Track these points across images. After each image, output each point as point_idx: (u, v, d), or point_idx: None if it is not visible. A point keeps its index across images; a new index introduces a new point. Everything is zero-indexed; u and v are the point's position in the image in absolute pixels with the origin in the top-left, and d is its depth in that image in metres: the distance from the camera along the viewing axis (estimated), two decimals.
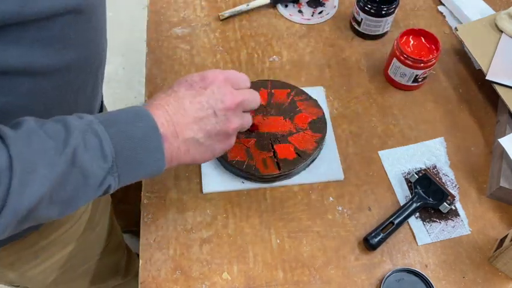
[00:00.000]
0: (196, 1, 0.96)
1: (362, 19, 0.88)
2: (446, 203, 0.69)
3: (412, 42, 0.83)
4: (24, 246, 0.68)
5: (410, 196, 0.71)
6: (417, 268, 0.65)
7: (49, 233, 0.70)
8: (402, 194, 0.73)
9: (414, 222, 0.70)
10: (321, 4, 0.96)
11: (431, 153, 0.77)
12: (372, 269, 0.66)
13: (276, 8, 0.96)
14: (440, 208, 0.70)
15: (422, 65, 0.78)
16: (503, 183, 0.69)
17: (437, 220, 0.70)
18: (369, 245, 0.66)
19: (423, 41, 0.83)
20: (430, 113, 0.82)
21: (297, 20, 0.94)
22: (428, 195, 0.70)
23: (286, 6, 0.96)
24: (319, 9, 0.96)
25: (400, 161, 0.76)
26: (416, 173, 0.72)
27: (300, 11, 0.95)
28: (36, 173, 0.40)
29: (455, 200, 0.72)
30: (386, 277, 0.63)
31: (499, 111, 0.81)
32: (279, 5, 0.96)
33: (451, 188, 0.73)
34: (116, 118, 0.47)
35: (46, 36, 0.46)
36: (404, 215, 0.69)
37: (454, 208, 0.71)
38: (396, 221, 0.68)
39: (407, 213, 0.69)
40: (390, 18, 0.88)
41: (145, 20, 0.93)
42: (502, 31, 0.84)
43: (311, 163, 0.74)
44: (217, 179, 0.72)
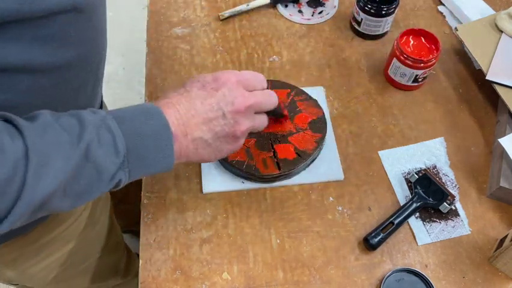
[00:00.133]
0: (196, 1, 0.96)
1: (362, 19, 0.88)
2: (446, 203, 0.69)
3: (412, 42, 0.83)
4: (27, 243, 0.68)
5: (410, 196, 0.71)
6: (417, 268, 0.65)
7: (51, 228, 0.70)
8: (402, 194, 0.73)
9: (414, 222, 0.70)
10: (321, 4, 0.96)
11: (431, 153, 0.77)
12: (372, 269, 0.66)
13: (276, 8, 0.96)
14: (440, 208, 0.70)
15: (422, 65, 0.78)
16: (503, 183, 0.69)
17: (437, 220, 0.70)
18: (369, 245, 0.66)
19: (423, 41, 0.83)
20: (430, 113, 0.82)
21: (297, 20, 0.94)
22: (428, 195, 0.70)
23: (286, 6, 0.96)
24: (319, 9, 0.96)
25: (400, 161, 0.76)
26: (416, 173, 0.72)
27: (300, 11, 0.95)
28: (51, 165, 0.41)
29: (455, 200, 0.72)
30: (386, 277, 0.63)
31: (499, 111, 0.81)
32: (279, 5, 0.96)
33: (451, 188, 0.73)
34: (128, 115, 0.48)
35: (46, 34, 0.46)
36: (404, 215, 0.69)
37: (454, 208, 0.71)
38: (396, 221, 0.68)
39: (407, 213, 0.69)
40: (390, 18, 0.88)
41: (145, 20, 0.93)
42: (502, 31, 0.84)
43: (311, 163, 0.74)
44: (217, 179, 0.72)
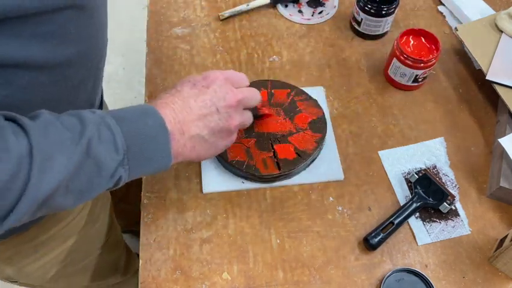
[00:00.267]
0: (196, 1, 0.96)
1: (362, 19, 0.88)
2: (446, 203, 0.69)
3: (412, 42, 0.83)
4: (24, 241, 0.68)
5: (410, 196, 0.71)
6: (417, 268, 0.65)
7: (49, 227, 0.70)
8: (402, 194, 0.73)
9: (414, 222, 0.70)
10: (321, 4, 0.96)
11: (431, 153, 0.77)
12: (372, 269, 0.66)
13: (276, 8, 0.96)
14: (440, 208, 0.70)
15: (422, 65, 0.78)
16: (503, 183, 0.69)
17: (437, 220, 0.70)
18: (369, 245, 0.66)
19: (423, 41, 0.83)
20: (430, 113, 0.82)
21: (297, 20, 0.94)
22: (428, 195, 0.70)
23: (286, 6, 0.96)
24: (319, 9, 0.96)
25: (400, 161, 0.76)
26: (416, 173, 0.72)
27: (300, 11, 0.95)
28: (54, 162, 0.42)
29: (455, 200, 0.72)
30: (386, 277, 0.63)
31: (499, 111, 0.81)
32: (279, 5, 0.96)
33: (451, 188, 0.73)
34: (126, 115, 0.49)
35: (46, 31, 0.46)
36: (404, 215, 0.69)
37: (454, 208, 0.71)
38: (396, 221, 0.68)
39: (407, 213, 0.69)
40: (390, 18, 0.88)
41: (145, 20, 0.93)
42: (502, 31, 0.84)
43: (311, 163, 0.74)
44: (217, 179, 0.72)
